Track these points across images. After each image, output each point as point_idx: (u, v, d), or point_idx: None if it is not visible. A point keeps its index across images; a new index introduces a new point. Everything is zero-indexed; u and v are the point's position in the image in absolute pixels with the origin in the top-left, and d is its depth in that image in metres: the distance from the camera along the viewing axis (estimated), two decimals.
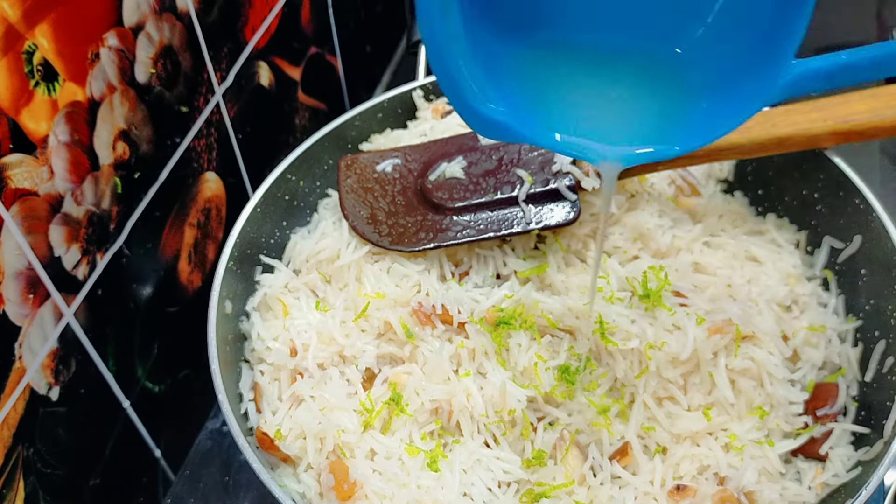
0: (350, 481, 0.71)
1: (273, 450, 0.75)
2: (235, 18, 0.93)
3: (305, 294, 0.84)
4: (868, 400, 0.78)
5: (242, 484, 0.92)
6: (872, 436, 0.74)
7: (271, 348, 0.81)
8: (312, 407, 0.76)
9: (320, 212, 0.93)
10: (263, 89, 1.02)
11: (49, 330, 0.70)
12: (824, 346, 0.80)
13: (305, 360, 0.79)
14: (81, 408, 0.76)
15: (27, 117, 0.65)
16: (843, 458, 0.74)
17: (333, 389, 0.77)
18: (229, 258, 0.83)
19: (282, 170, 0.90)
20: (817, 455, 0.75)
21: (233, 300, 0.83)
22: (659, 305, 0.76)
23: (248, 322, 0.84)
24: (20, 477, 0.70)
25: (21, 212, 0.65)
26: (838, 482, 0.73)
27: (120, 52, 0.74)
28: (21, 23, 0.63)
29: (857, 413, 0.78)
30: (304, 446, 0.75)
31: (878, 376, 0.77)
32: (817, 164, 0.86)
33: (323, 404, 0.76)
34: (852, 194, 0.83)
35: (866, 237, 0.82)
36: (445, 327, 0.78)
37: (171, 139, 0.84)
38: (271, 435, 0.75)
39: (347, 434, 0.74)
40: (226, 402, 0.74)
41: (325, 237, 0.86)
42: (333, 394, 0.76)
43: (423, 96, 0.98)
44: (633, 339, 0.74)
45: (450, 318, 0.77)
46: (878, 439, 0.72)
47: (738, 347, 0.75)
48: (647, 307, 0.77)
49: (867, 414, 0.77)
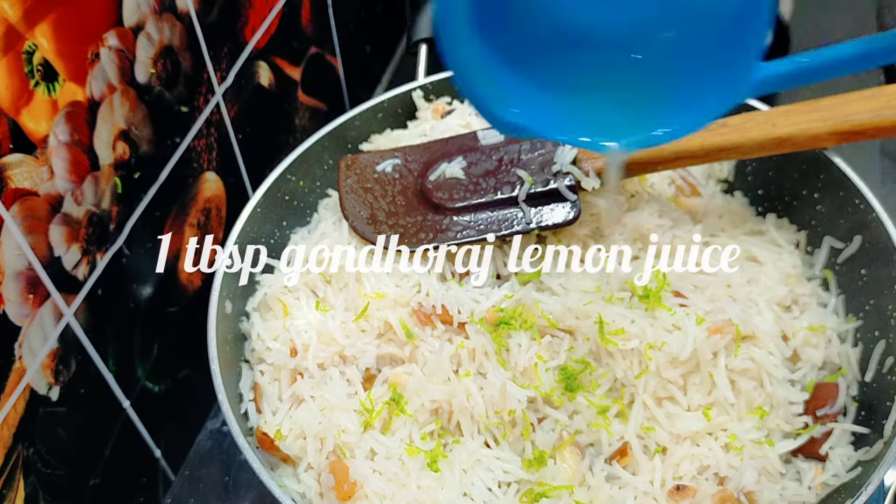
0: (350, 481, 0.71)
1: (273, 450, 0.75)
2: (235, 18, 0.93)
3: (305, 294, 0.84)
4: (868, 400, 0.77)
5: (242, 484, 0.92)
6: (872, 436, 0.74)
7: (271, 348, 0.81)
8: (312, 407, 0.76)
9: (320, 212, 0.93)
10: (263, 89, 1.02)
11: (49, 330, 0.70)
12: (824, 347, 0.80)
13: (305, 360, 0.79)
14: (81, 408, 0.76)
15: (27, 117, 0.65)
16: (843, 458, 0.74)
17: (333, 389, 0.76)
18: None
19: (282, 170, 0.90)
20: (817, 455, 0.75)
21: (233, 300, 0.83)
22: (659, 306, 0.76)
23: (248, 322, 0.84)
24: (20, 477, 0.70)
25: (21, 212, 0.65)
26: (838, 482, 0.73)
27: (120, 52, 0.74)
28: (21, 23, 0.63)
29: (857, 413, 0.78)
30: (304, 446, 0.75)
31: (878, 376, 0.77)
32: (817, 165, 0.86)
33: (323, 404, 0.76)
34: (852, 194, 0.83)
35: (866, 237, 0.82)
36: (445, 327, 0.78)
37: (171, 139, 0.84)
38: (271, 435, 0.75)
39: (348, 434, 0.74)
40: (225, 402, 0.74)
41: (325, 237, 0.86)
42: (333, 394, 0.76)
43: (423, 96, 0.98)
44: (632, 340, 0.74)
45: (450, 318, 0.77)
46: (878, 439, 0.72)
47: (738, 347, 0.75)
48: (647, 307, 0.77)
49: (867, 414, 0.77)
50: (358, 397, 0.76)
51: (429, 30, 1.02)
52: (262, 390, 0.80)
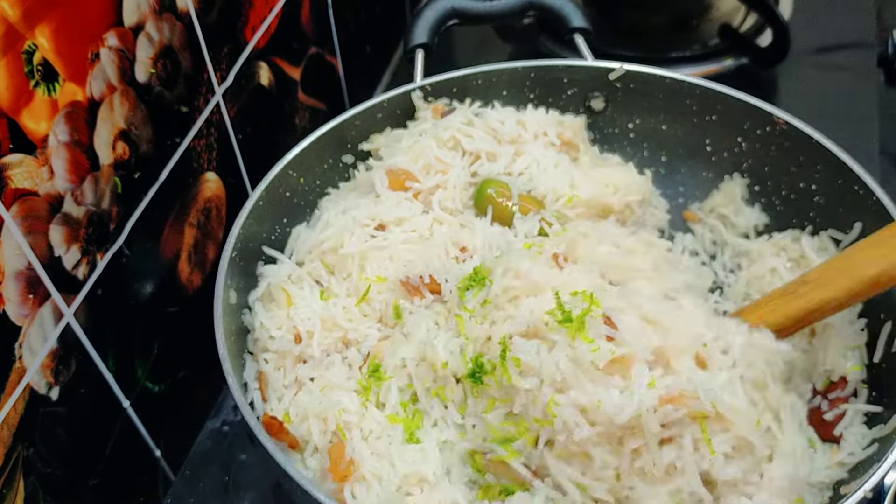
0: (346, 460, 0.71)
1: (282, 433, 0.75)
2: (235, 18, 0.93)
3: (309, 284, 0.85)
4: (878, 380, 0.78)
5: (242, 484, 0.92)
6: (886, 413, 0.74)
7: (275, 336, 0.81)
8: (313, 388, 0.77)
9: (321, 206, 0.93)
10: (263, 89, 1.02)
11: (49, 330, 0.70)
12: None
13: (310, 348, 0.79)
14: (81, 408, 0.76)
15: (27, 117, 0.65)
16: (857, 436, 0.74)
17: (335, 371, 0.77)
18: (233, 249, 0.83)
19: (283, 165, 0.90)
20: (831, 437, 0.75)
21: (236, 292, 0.83)
22: (581, 334, 0.65)
23: (251, 314, 0.84)
24: (20, 477, 0.70)
25: (21, 212, 0.65)
26: (854, 460, 0.73)
27: (120, 52, 0.74)
28: (21, 23, 0.63)
29: (868, 394, 0.78)
30: (309, 428, 0.75)
31: (886, 356, 0.78)
32: (814, 156, 0.86)
33: (323, 384, 0.76)
34: (851, 181, 0.83)
35: (867, 222, 0.82)
36: (434, 297, 0.79)
37: (171, 139, 0.84)
38: (280, 418, 0.75)
39: (349, 413, 0.74)
40: (234, 385, 0.72)
41: (329, 227, 0.87)
42: (335, 374, 0.77)
43: (422, 97, 0.99)
44: (529, 378, 0.65)
45: (437, 286, 0.78)
46: (893, 414, 0.72)
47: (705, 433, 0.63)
48: (569, 331, 0.66)
49: (878, 394, 0.77)
50: (355, 378, 0.77)
51: (426, 35, 1.02)
52: (267, 378, 0.80)
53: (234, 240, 0.83)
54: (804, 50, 0.70)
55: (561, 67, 1.00)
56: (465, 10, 1.04)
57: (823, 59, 1.31)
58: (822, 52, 1.32)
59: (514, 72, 0.99)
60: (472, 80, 0.99)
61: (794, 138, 0.88)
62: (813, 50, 1.31)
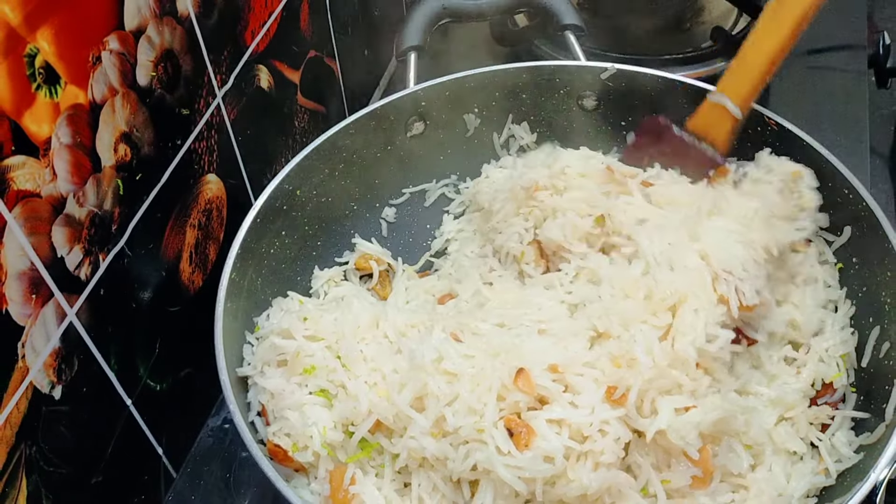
0: (344, 488, 0.72)
1: (287, 461, 0.75)
2: (235, 22, 0.94)
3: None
4: (866, 386, 0.78)
5: (243, 481, 0.92)
6: (873, 420, 0.75)
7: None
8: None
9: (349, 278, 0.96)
10: (263, 92, 1.03)
11: (52, 329, 0.71)
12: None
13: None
14: (84, 406, 0.77)
15: (29, 120, 0.66)
16: (844, 443, 0.75)
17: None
18: (231, 269, 0.83)
19: (279, 180, 0.90)
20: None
21: (237, 313, 0.83)
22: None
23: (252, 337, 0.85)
24: (23, 475, 0.70)
25: (24, 213, 0.66)
26: (842, 467, 0.73)
27: (121, 56, 0.75)
28: (23, 27, 0.63)
29: (856, 400, 0.78)
30: (316, 453, 0.75)
31: (874, 361, 0.78)
32: (804, 157, 0.87)
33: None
34: (841, 185, 0.84)
35: (856, 226, 0.83)
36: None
37: (173, 141, 0.85)
38: (285, 447, 0.75)
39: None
40: (237, 413, 0.73)
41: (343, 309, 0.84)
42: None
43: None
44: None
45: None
46: (880, 423, 0.73)
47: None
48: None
49: (866, 399, 0.77)
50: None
51: (418, 37, 1.02)
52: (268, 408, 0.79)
53: (234, 259, 0.83)
54: (795, 51, 0.71)
55: (553, 68, 1.00)
56: (456, 8, 1.03)
57: (814, 61, 1.32)
58: (812, 53, 1.33)
59: (506, 73, 1.00)
60: (466, 82, 0.99)
61: (785, 139, 0.89)
62: (804, 51, 1.32)
